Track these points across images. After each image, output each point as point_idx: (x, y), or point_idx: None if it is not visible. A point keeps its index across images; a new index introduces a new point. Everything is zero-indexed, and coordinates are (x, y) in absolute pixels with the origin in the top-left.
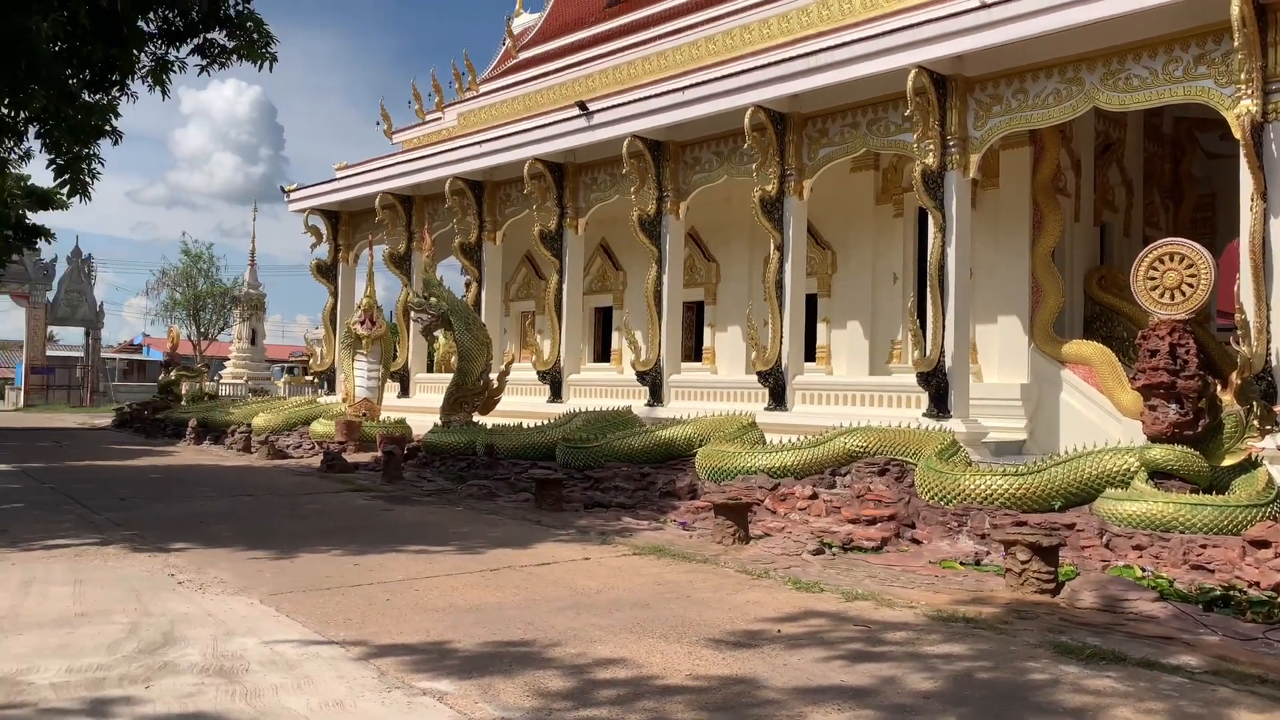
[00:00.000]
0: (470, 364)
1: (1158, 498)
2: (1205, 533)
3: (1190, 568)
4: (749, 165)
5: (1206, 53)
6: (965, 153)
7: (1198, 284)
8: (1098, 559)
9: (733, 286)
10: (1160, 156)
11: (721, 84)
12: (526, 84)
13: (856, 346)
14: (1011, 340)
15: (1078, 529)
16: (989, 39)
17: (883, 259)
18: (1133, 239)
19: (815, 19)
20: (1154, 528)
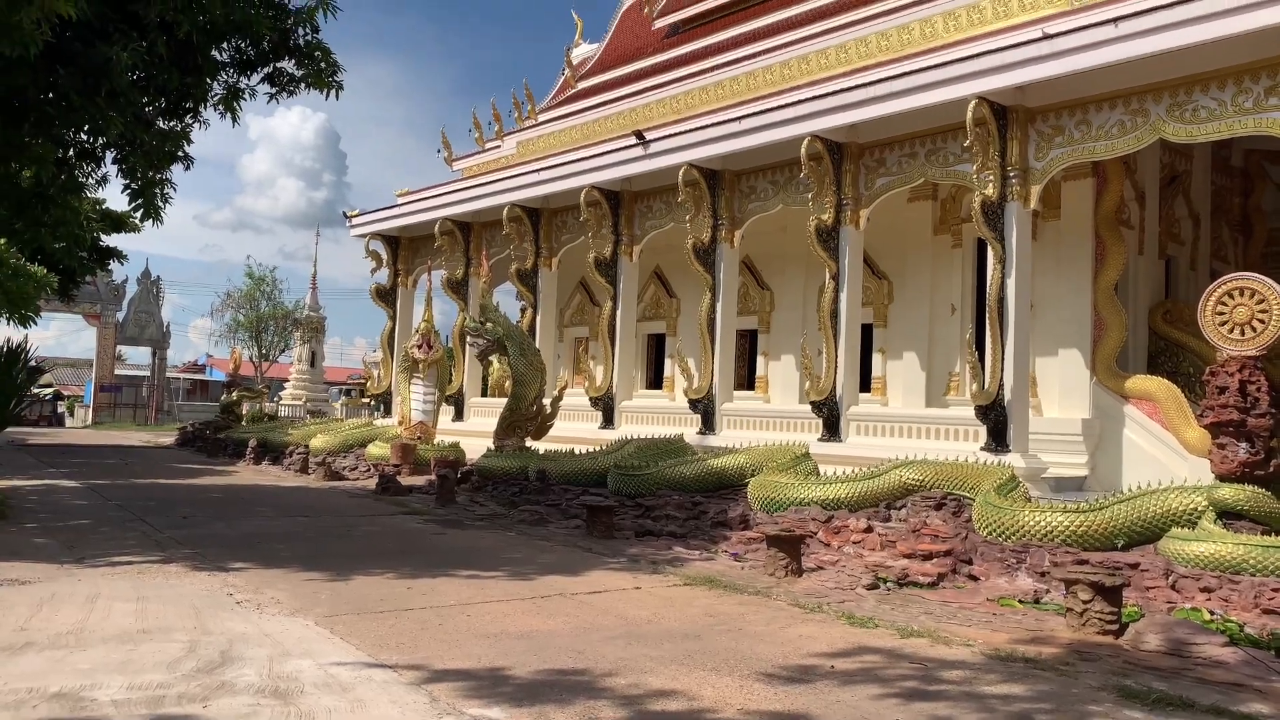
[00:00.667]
0: (524, 389)
1: (1227, 539)
2: (1277, 576)
3: (1262, 612)
4: (804, 194)
5: (1278, 84)
6: (1026, 184)
7: (1269, 320)
8: (1163, 600)
9: (787, 315)
10: (1229, 189)
11: (778, 114)
12: (584, 113)
13: (913, 378)
14: (1072, 374)
15: (1142, 569)
16: (1051, 70)
17: (940, 290)
18: (1199, 273)
19: (874, 49)
20: (1223, 569)
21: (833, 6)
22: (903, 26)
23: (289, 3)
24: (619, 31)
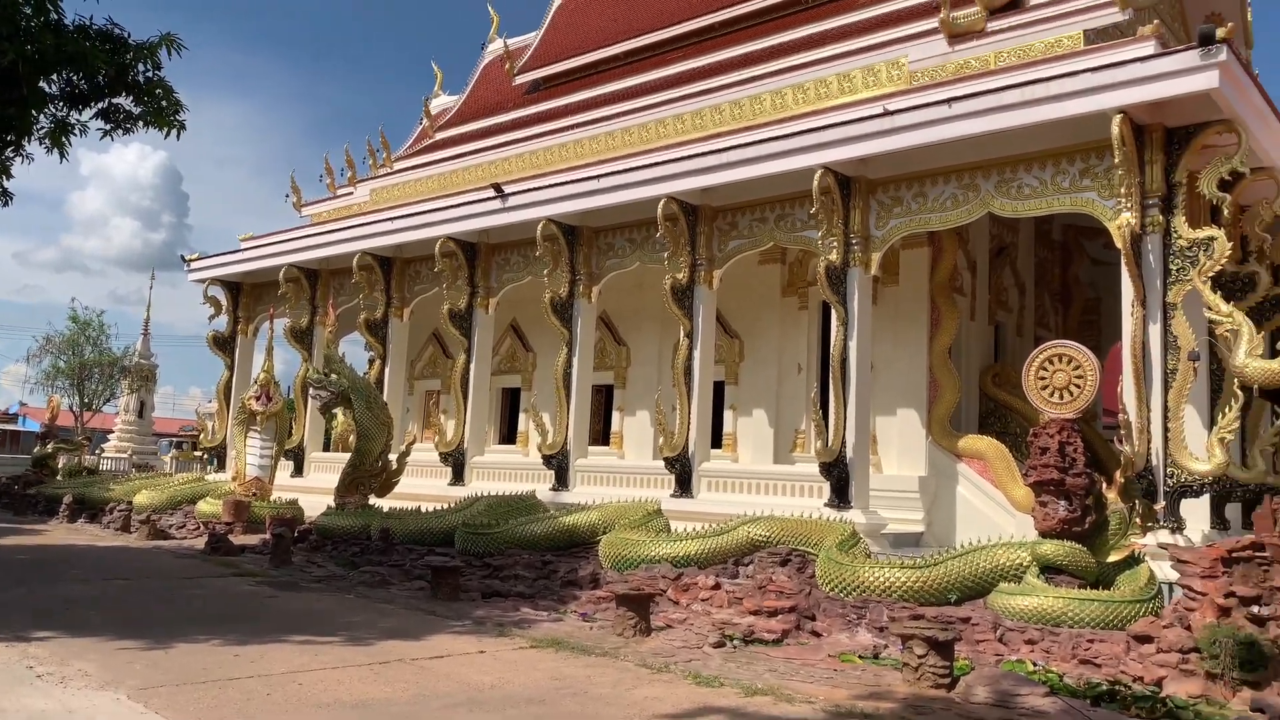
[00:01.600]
0: (369, 444)
1: (1048, 592)
2: (1093, 627)
3: (1079, 662)
4: (661, 253)
5: (1090, 167)
6: (867, 251)
7: (1084, 385)
8: (992, 653)
9: (642, 371)
10: (1050, 261)
11: (636, 174)
12: (442, 163)
13: (762, 434)
14: (910, 433)
15: (973, 623)
16: (891, 144)
17: (788, 349)
18: (1025, 338)
19: (728, 117)
20: (1045, 622)
21: (689, 74)
22: (755, 96)
23: (129, 37)
24: (480, 85)
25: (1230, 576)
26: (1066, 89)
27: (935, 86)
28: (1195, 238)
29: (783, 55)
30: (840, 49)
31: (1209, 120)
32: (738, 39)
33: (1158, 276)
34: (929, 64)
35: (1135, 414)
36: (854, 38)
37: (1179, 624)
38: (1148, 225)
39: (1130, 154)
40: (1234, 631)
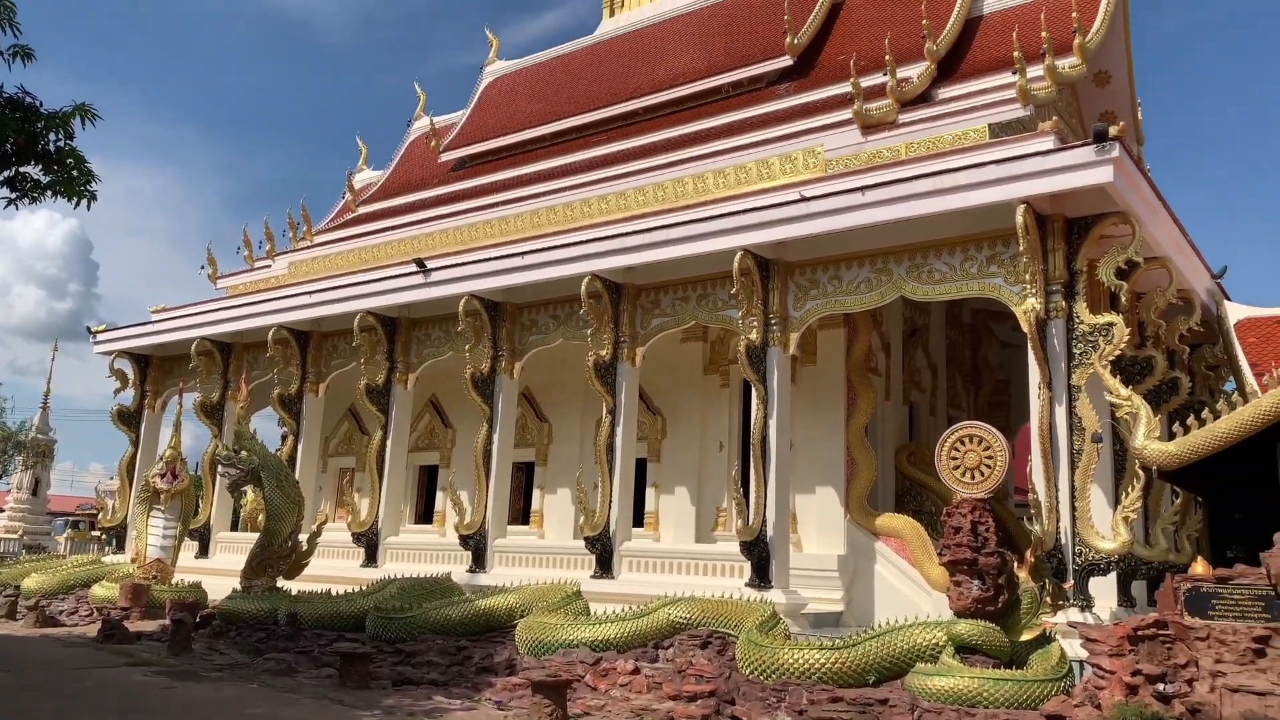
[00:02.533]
0: (279, 524)
1: (963, 673)
2: (1007, 707)
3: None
4: (584, 330)
5: (997, 254)
6: (786, 331)
7: (995, 465)
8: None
9: (564, 448)
10: (961, 343)
11: (561, 252)
12: (364, 237)
13: (684, 513)
14: (829, 511)
15: (891, 704)
16: (808, 229)
17: (710, 427)
18: (938, 418)
19: (651, 198)
20: (961, 702)
21: (614, 156)
22: (677, 180)
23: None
24: (405, 161)
25: (1136, 655)
26: (973, 180)
27: (850, 174)
28: (1096, 323)
29: (705, 141)
30: (759, 136)
31: (1105, 212)
32: (662, 124)
33: (1062, 360)
34: (844, 153)
35: (1044, 493)
36: (772, 126)
37: (1089, 703)
38: (1051, 310)
39: (1034, 242)
40: (1142, 710)
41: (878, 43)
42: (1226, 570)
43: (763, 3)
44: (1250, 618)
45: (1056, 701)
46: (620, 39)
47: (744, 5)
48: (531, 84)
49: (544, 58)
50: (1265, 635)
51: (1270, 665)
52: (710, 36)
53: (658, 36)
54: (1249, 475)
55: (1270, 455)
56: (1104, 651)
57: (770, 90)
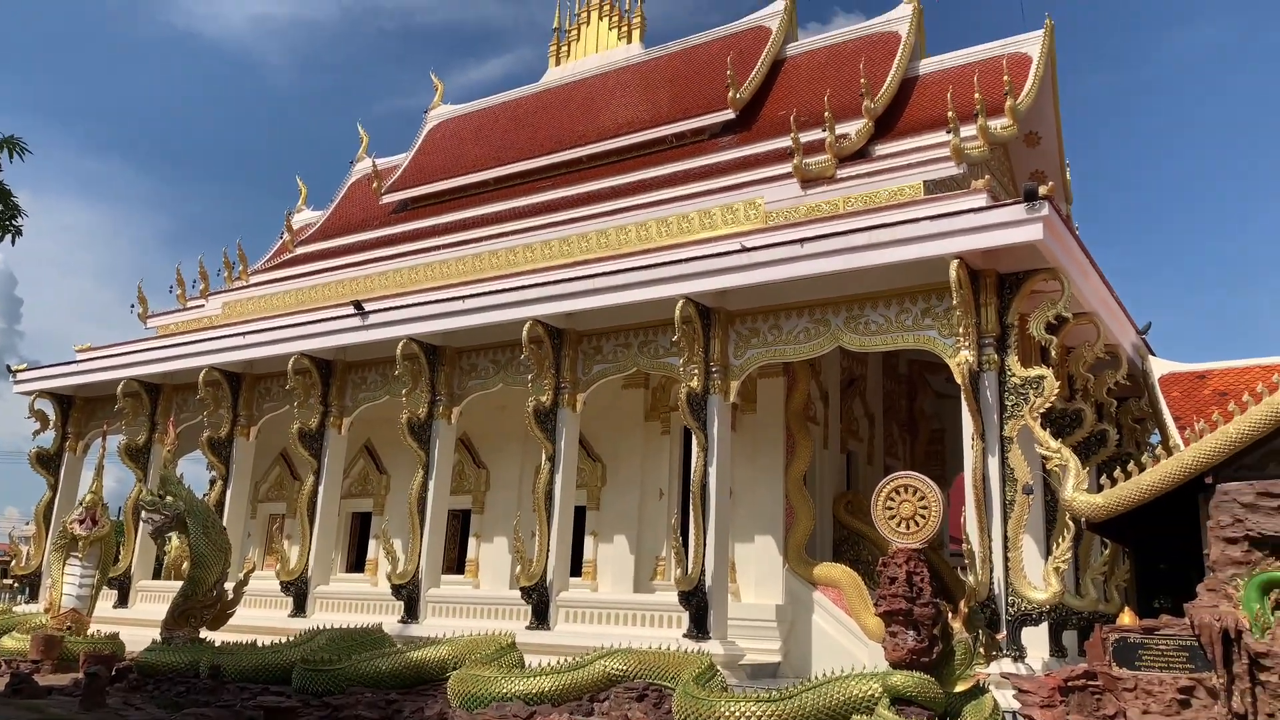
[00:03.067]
0: (204, 572)
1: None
2: None
3: None
4: (525, 375)
5: (932, 307)
6: (726, 379)
7: (929, 515)
8: None
9: (502, 495)
10: (897, 393)
11: (502, 296)
12: (302, 278)
13: (622, 562)
14: (767, 560)
15: None
16: (748, 279)
17: (650, 475)
18: (875, 467)
19: (594, 245)
20: None
21: (558, 202)
22: (621, 227)
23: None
24: (345, 202)
25: (1067, 706)
26: (908, 234)
27: (789, 226)
28: (1027, 376)
29: (648, 190)
30: (702, 187)
31: (1036, 268)
32: (606, 172)
33: (995, 411)
34: (784, 205)
35: (978, 544)
36: (715, 177)
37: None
38: (984, 363)
39: (967, 296)
40: None
41: (818, 99)
42: (1152, 621)
43: (706, 57)
44: (1175, 668)
45: None
46: (566, 87)
47: (688, 59)
48: (476, 129)
49: (489, 103)
50: (1189, 686)
51: (1195, 716)
52: (655, 88)
53: (603, 86)
54: (1173, 527)
55: (1193, 507)
56: (1035, 703)
57: (713, 142)
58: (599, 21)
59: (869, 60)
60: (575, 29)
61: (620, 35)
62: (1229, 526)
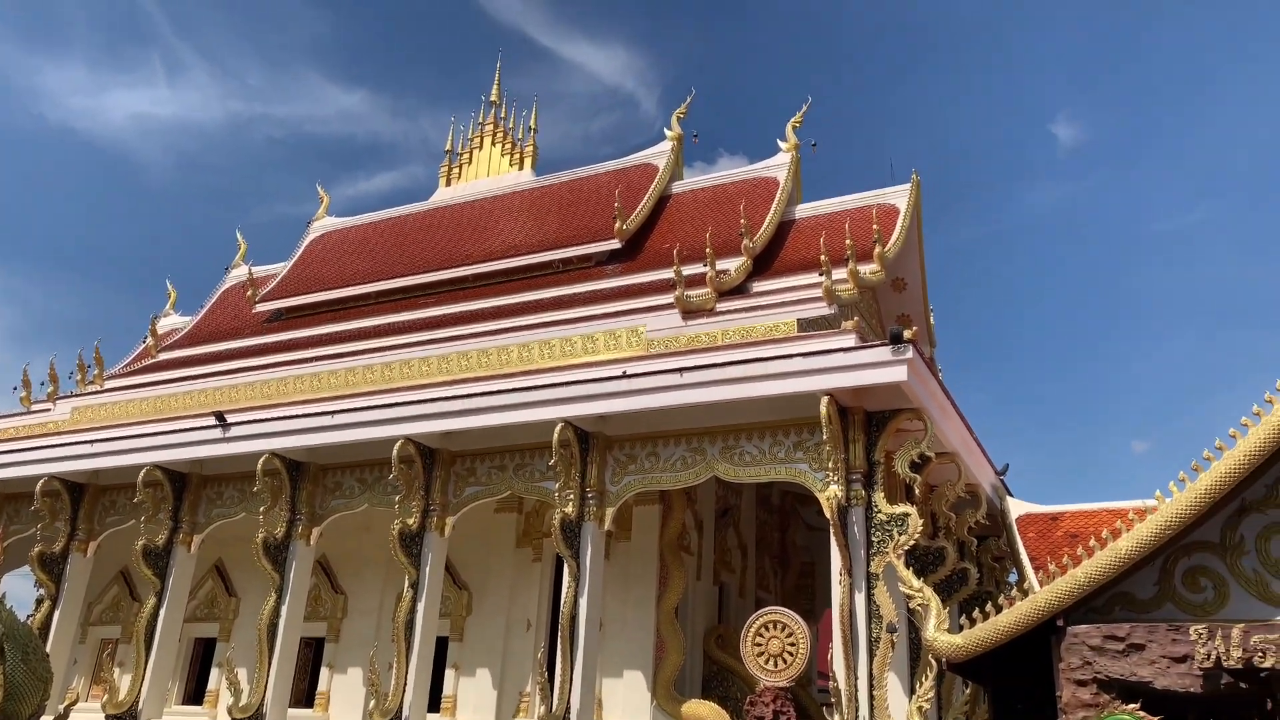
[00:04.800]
0: (18, 704)
1: None
2: None
3: None
4: (393, 496)
5: (803, 440)
6: (602, 505)
7: (797, 652)
8: None
9: (360, 623)
10: (770, 525)
11: (374, 413)
12: (162, 385)
13: (485, 697)
14: (635, 697)
15: None
16: (627, 405)
17: (519, 604)
18: (747, 599)
19: (474, 364)
20: None
21: (439, 319)
22: (502, 347)
23: None
24: (217, 308)
25: None
26: (783, 369)
27: (670, 355)
28: (893, 513)
29: (532, 312)
30: (586, 312)
31: (900, 408)
32: (490, 292)
33: (862, 547)
34: (665, 334)
35: (844, 682)
36: (599, 303)
37: None
38: (852, 498)
39: (836, 432)
40: None
41: (700, 235)
42: None
43: (595, 188)
44: None
45: None
46: (455, 207)
47: (577, 189)
48: (360, 242)
49: (375, 217)
50: None
51: None
52: (544, 214)
53: (493, 209)
54: (1029, 668)
55: (1047, 648)
56: None
57: (599, 270)
58: (491, 147)
59: (749, 202)
60: (467, 152)
61: (512, 162)
62: (1079, 669)
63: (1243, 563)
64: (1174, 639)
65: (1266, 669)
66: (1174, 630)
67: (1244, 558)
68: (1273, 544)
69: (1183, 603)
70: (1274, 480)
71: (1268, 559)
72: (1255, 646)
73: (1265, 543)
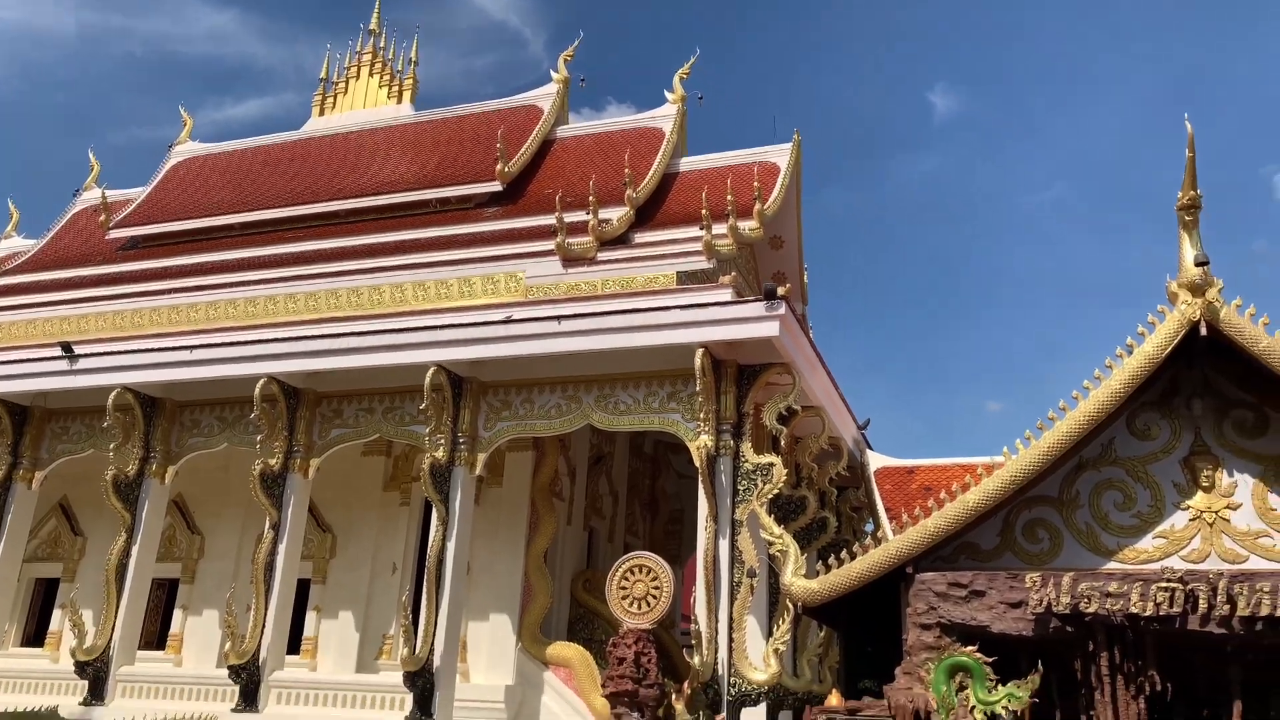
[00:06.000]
0: None
1: None
2: None
3: None
4: (254, 435)
5: (677, 392)
6: (474, 451)
7: (661, 596)
8: None
9: (217, 564)
10: (642, 472)
11: (236, 349)
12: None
13: (347, 640)
14: (501, 639)
15: None
16: (504, 350)
17: (385, 548)
18: (616, 545)
19: (344, 303)
20: None
21: (309, 255)
22: (374, 287)
23: None
24: (65, 233)
25: None
26: (660, 321)
27: (549, 302)
28: (759, 463)
29: (407, 252)
30: (463, 255)
31: (772, 362)
32: (363, 229)
33: (728, 495)
34: (544, 281)
35: (705, 625)
36: (478, 246)
37: None
38: (721, 448)
39: (709, 384)
40: None
41: (584, 183)
42: (856, 702)
43: (477, 128)
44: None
45: None
46: (329, 138)
47: (459, 127)
48: (225, 170)
49: (243, 145)
50: None
51: None
52: (423, 151)
53: (368, 142)
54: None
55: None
56: None
57: (478, 212)
58: (369, 78)
59: (634, 152)
60: (343, 81)
61: (390, 94)
62: (924, 613)
63: (1077, 516)
64: (1011, 586)
65: (1090, 614)
66: (1012, 578)
67: (1078, 511)
68: (1104, 499)
69: (1021, 552)
70: (1109, 440)
71: (1099, 513)
72: (1082, 593)
73: (1098, 498)
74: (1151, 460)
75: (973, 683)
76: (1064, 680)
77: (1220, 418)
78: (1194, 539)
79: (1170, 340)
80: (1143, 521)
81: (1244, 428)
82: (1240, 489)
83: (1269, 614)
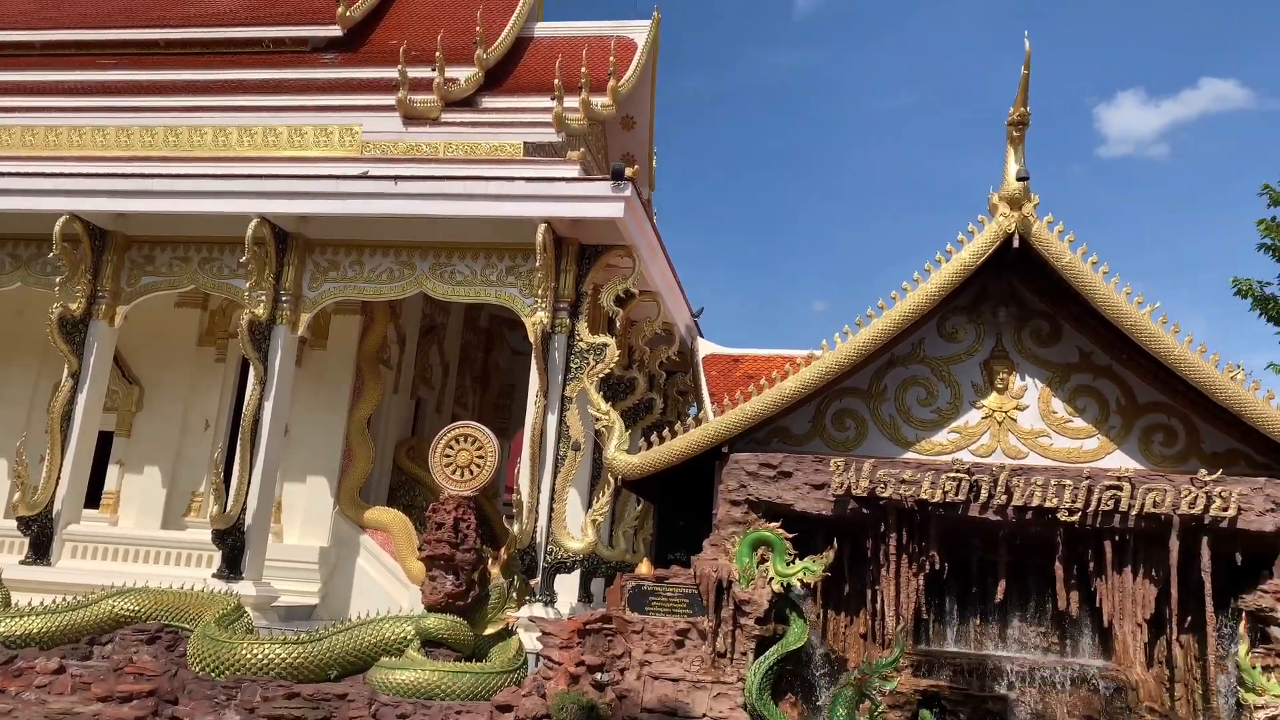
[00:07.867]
0: None
1: (425, 665)
2: (463, 699)
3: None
4: (53, 277)
5: (516, 266)
6: (297, 310)
7: (485, 464)
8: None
9: (7, 411)
10: (475, 345)
11: (32, 180)
12: None
13: (152, 495)
14: (318, 502)
15: (349, 699)
16: (334, 207)
17: (197, 404)
18: (444, 415)
19: (160, 141)
20: (420, 695)
21: (121, 85)
22: (195, 127)
23: None
24: None
25: (583, 647)
26: (503, 191)
27: (386, 161)
28: (593, 342)
29: (233, 93)
30: (296, 102)
31: (613, 244)
32: (185, 63)
33: (560, 372)
34: (383, 138)
35: (527, 494)
36: (312, 94)
37: (536, 693)
38: (557, 326)
39: (550, 261)
40: (579, 698)
41: (431, 37)
42: (664, 571)
43: None
44: (678, 613)
45: (507, 693)
46: None
47: None
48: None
49: None
50: (685, 629)
51: (686, 655)
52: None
53: None
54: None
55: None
56: (555, 644)
57: (315, 56)
58: None
59: (487, 10)
60: None
61: None
62: (735, 490)
63: (882, 408)
64: (816, 469)
65: (885, 498)
66: (818, 462)
67: (884, 404)
68: (909, 394)
69: (829, 439)
70: (919, 340)
71: (902, 406)
72: (879, 479)
73: (903, 392)
74: (955, 361)
75: (773, 555)
76: (855, 557)
77: (1020, 326)
78: (984, 435)
79: (986, 249)
80: (941, 417)
81: (1040, 336)
82: (1029, 392)
83: (1039, 504)
